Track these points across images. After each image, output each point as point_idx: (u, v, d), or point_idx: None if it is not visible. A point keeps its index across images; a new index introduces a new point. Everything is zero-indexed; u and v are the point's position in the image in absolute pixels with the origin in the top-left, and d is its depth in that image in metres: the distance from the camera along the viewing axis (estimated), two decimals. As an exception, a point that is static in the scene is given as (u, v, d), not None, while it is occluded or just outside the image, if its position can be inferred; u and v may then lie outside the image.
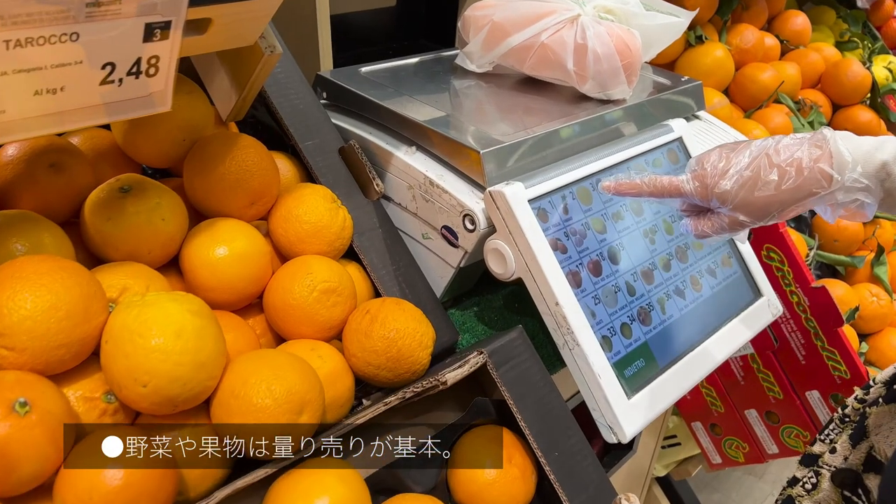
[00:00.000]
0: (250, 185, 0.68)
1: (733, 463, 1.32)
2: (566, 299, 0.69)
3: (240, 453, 0.56)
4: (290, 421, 0.55)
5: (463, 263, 0.78)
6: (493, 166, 0.75)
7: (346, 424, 0.61)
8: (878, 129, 1.41)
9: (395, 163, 0.80)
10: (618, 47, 0.85)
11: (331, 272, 0.67)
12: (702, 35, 1.26)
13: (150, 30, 0.48)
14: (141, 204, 0.62)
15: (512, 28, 0.88)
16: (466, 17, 0.93)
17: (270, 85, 0.79)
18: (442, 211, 0.77)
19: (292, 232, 0.70)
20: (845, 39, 1.91)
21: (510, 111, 0.88)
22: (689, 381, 0.75)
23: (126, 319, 0.52)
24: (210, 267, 0.64)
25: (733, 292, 0.84)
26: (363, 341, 0.65)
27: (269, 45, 0.68)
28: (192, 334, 0.52)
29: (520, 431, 0.67)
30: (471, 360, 0.66)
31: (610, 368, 0.68)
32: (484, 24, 0.90)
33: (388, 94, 0.85)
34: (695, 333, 0.78)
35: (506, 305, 0.89)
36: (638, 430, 0.69)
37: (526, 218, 0.70)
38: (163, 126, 0.67)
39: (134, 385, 0.51)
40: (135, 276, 0.59)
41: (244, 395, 0.54)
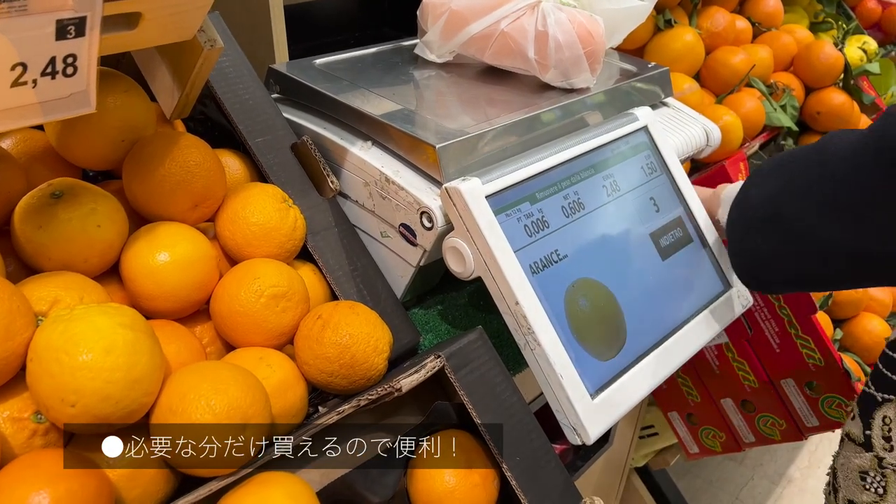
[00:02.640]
0: (193, 186, 0.65)
1: (710, 452, 1.31)
2: (526, 298, 0.67)
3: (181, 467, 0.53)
4: (233, 437, 0.52)
5: (423, 262, 0.76)
6: (451, 161, 0.72)
7: (295, 435, 0.59)
8: (850, 110, 1.39)
9: (351, 159, 0.77)
10: (580, 34, 0.82)
11: (280, 276, 0.64)
12: (671, 19, 1.23)
13: (62, 27, 0.45)
14: (74, 210, 0.59)
15: (471, 16, 0.85)
16: (425, 4, 0.90)
17: (218, 80, 0.76)
18: (399, 208, 0.74)
19: (240, 234, 0.67)
20: (819, 20, 1.89)
21: (470, 103, 0.85)
22: (655, 378, 0.73)
23: (51, 336, 0.49)
24: (151, 275, 0.61)
25: (702, 284, 0.83)
26: (315, 348, 0.63)
27: (208, 39, 0.64)
28: (123, 349, 0.49)
29: (481, 436, 0.65)
30: (427, 365, 0.64)
31: (573, 368, 0.66)
32: (442, 11, 0.87)
33: (343, 88, 0.82)
34: (662, 328, 0.76)
35: (470, 303, 0.87)
36: (602, 431, 0.67)
37: (483, 215, 0.68)
38: (97, 127, 0.63)
39: (61, 405, 0.48)
40: (67, 287, 0.56)
41: (182, 410, 0.51)
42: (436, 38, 0.89)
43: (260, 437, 0.55)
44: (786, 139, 1.38)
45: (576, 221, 0.75)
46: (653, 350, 0.74)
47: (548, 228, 0.72)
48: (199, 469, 0.53)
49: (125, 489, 0.52)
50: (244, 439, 0.53)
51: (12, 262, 0.60)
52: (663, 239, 0.81)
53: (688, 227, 0.84)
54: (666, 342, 0.75)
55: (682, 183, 0.86)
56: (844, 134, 0.65)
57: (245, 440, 0.53)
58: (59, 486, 0.46)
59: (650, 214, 0.81)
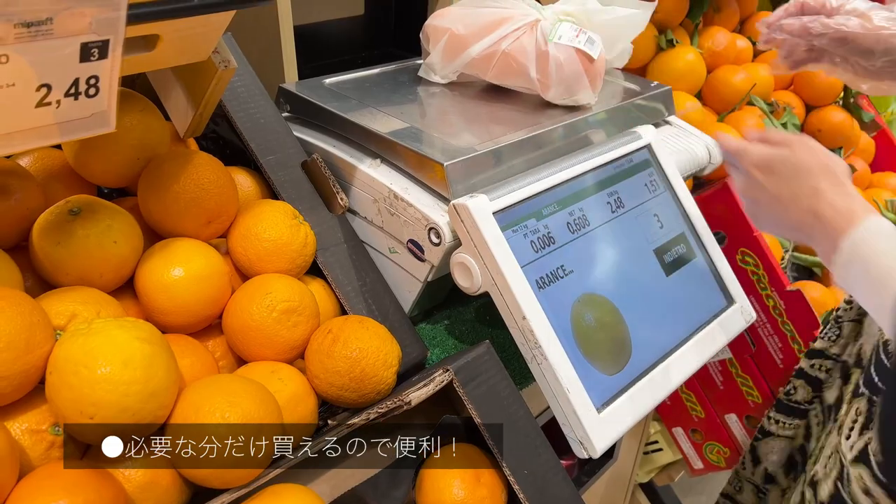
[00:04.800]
0: (206, 203, 0.66)
1: (715, 468, 1.31)
2: (533, 313, 0.68)
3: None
4: (246, 448, 0.53)
5: (430, 277, 0.77)
6: (458, 178, 0.73)
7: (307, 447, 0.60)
8: (850, 128, 1.41)
9: (360, 176, 0.79)
10: (578, 51, 0.84)
11: (291, 291, 0.65)
12: (673, 39, 1.25)
13: (86, 50, 0.47)
14: (91, 226, 0.60)
15: (471, 37, 0.87)
16: (426, 27, 0.92)
17: (230, 99, 0.78)
18: (407, 224, 0.76)
19: (252, 250, 0.68)
20: (818, 39, 1.91)
21: (476, 121, 0.87)
22: (660, 392, 0.73)
23: (70, 349, 0.50)
24: (165, 290, 0.62)
25: (705, 300, 0.84)
26: (325, 362, 0.64)
27: (223, 60, 0.66)
28: (140, 363, 0.51)
29: (489, 450, 0.66)
30: (436, 379, 0.65)
31: (579, 382, 0.67)
32: (443, 34, 0.89)
33: (351, 106, 0.84)
34: (666, 344, 0.77)
35: (477, 318, 0.88)
36: (609, 445, 0.68)
37: (491, 231, 0.69)
38: (114, 145, 0.65)
39: (80, 417, 0.49)
40: (84, 302, 0.57)
41: (197, 423, 0.52)
42: (438, 60, 0.91)
43: (272, 449, 0.56)
44: (787, 156, 1.39)
45: (581, 237, 0.76)
46: (658, 365, 0.75)
47: (554, 244, 0.73)
48: (211, 479, 0.54)
49: (140, 500, 0.53)
50: (256, 450, 0.54)
51: (30, 277, 0.62)
52: (667, 255, 0.82)
53: (691, 243, 0.85)
54: (670, 357, 0.76)
55: (684, 200, 0.87)
56: None
57: (257, 451, 0.54)
58: (77, 496, 0.47)
59: (654, 231, 0.82)
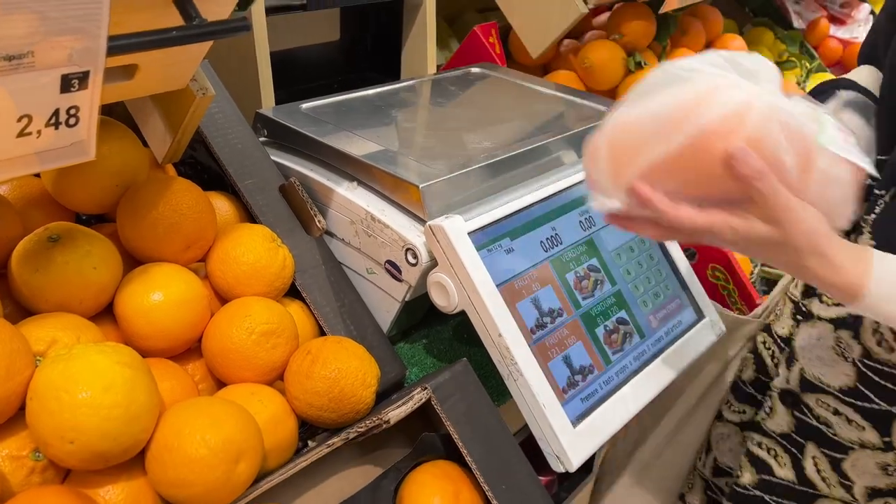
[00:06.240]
0: (185, 228, 0.67)
1: (692, 480, 1.33)
2: (508, 330, 0.69)
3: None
4: (227, 471, 0.54)
5: (408, 297, 0.78)
6: (434, 200, 0.75)
7: (288, 468, 0.60)
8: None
9: (337, 199, 0.80)
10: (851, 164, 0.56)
11: (270, 314, 0.66)
12: (641, 61, 1.29)
13: (66, 81, 0.48)
14: (70, 253, 0.61)
15: (647, 136, 0.55)
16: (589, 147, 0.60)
17: (208, 125, 0.79)
18: (385, 245, 0.77)
19: (230, 274, 0.69)
20: (784, 59, 1.98)
21: (451, 144, 0.89)
22: (634, 405, 0.75)
23: (51, 375, 0.51)
24: (145, 314, 0.63)
25: (677, 314, 0.86)
26: (304, 383, 0.64)
27: (200, 88, 0.67)
28: (121, 387, 0.51)
29: (468, 466, 0.67)
30: (415, 397, 0.66)
31: (553, 396, 0.69)
32: (600, 144, 0.59)
33: (328, 131, 0.85)
34: (639, 358, 0.79)
35: (454, 336, 0.89)
36: (584, 458, 0.69)
37: (466, 251, 0.70)
38: (93, 173, 0.66)
39: (61, 442, 0.49)
40: (64, 328, 0.58)
41: (178, 446, 0.53)
42: (603, 177, 0.59)
43: (254, 472, 0.56)
44: (754, 173, 1.43)
45: (555, 256, 0.78)
46: (631, 378, 0.77)
47: (528, 263, 0.75)
48: (192, 502, 0.54)
49: (121, 525, 0.53)
50: (238, 472, 0.54)
51: (9, 304, 0.62)
52: (638, 271, 0.84)
53: (662, 260, 0.88)
54: (644, 371, 0.78)
55: (655, 217, 0.89)
56: None
57: (238, 473, 0.55)
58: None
59: (624, 247, 0.85)
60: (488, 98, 1.08)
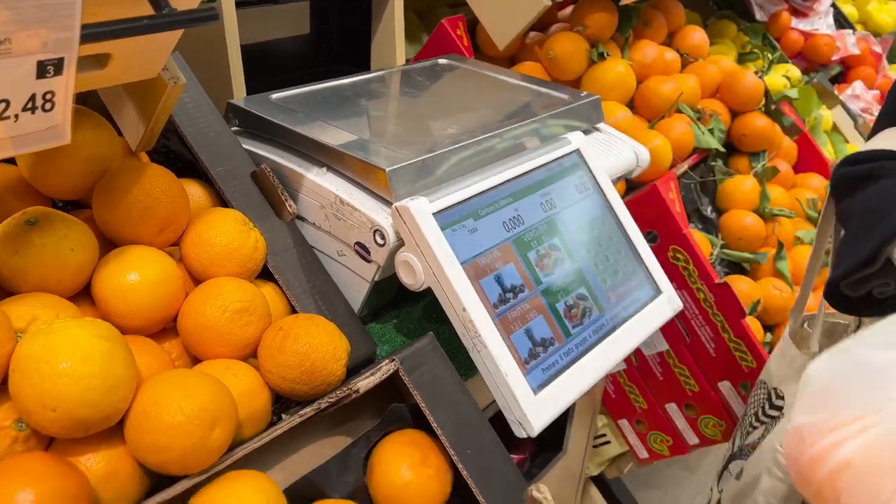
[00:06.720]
0: (159, 212, 0.70)
1: (659, 456, 1.38)
2: (472, 305, 0.73)
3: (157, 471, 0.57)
4: (202, 437, 0.57)
5: (377, 277, 0.82)
6: (400, 183, 0.78)
7: (263, 436, 0.63)
8: (772, 133, 1.51)
9: (307, 184, 0.83)
10: None
11: (243, 292, 0.69)
12: (604, 52, 1.33)
13: (42, 67, 0.50)
14: (48, 236, 0.63)
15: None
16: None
17: (180, 114, 0.82)
18: (354, 228, 0.80)
19: (204, 255, 0.72)
20: (747, 51, 2.04)
21: (417, 131, 0.92)
22: (592, 375, 0.79)
23: (32, 348, 0.53)
24: (121, 294, 0.65)
25: (635, 290, 0.90)
26: (277, 357, 0.68)
27: (172, 77, 0.70)
28: (99, 359, 0.54)
29: (435, 434, 0.71)
30: (383, 368, 0.69)
31: (515, 366, 0.72)
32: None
33: (299, 119, 0.88)
34: (599, 331, 0.83)
35: (424, 315, 0.93)
36: (545, 424, 0.73)
37: (431, 230, 0.74)
38: (69, 159, 0.68)
39: (43, 410, 0.52)
40: (43, 307, 0.60)
41: (155, 414, 0.56)
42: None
43: (228, 438, 0.59)
44: (715, 160, 1.48)
45: (517, 235, 0.81)
46: (590, 350, 0.81)
47: (491, 242, 0.79)
48: (170, 466, 0.57)
49: (102, 490, 0.56)
50: (213, 438, 0.57)
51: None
52: (598, 250, 0.88)
53: (620, 239, 0.92)
54: (603, 342, 0.82)
55: (612, 199, 0.94)
56: None
57: (213, 439, 0.58)
58: (43, 483, 0.50)
59: (584, 227, 0.89)
60: (455, 87, 1.11)
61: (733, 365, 1.18)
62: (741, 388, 1.19)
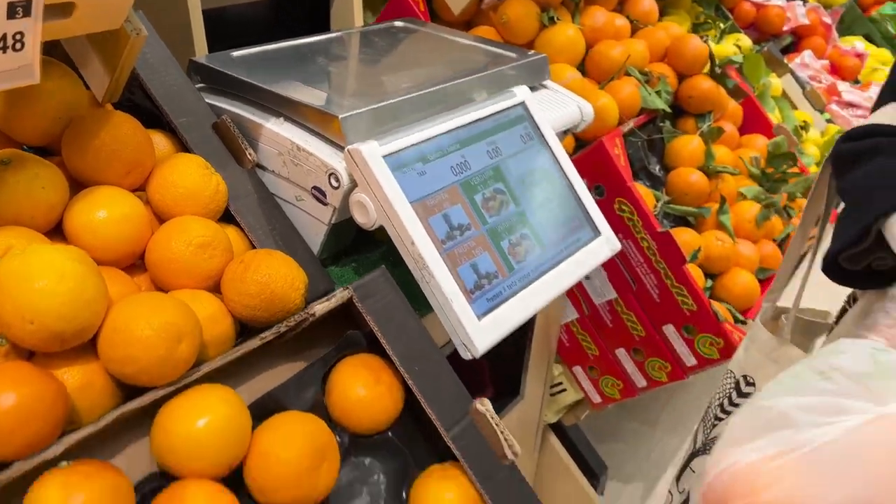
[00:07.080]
0: (125, 155, 0.75)
1: (611, 400, 1.46)
2: (420, 239, 0.79)
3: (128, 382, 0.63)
4: (169, 349, 0.62)
5: (334, 220, 0.87)
6: (353, 130, 0.84)
7: (227, 355, 0.69)
8: (718, 95, 1.59)
9: (266, 133, 0.88)
10: None
11: (206, 228, 0.75)
12: (554, 16, 1.39)
13: (12, 8, 0.55)
14: (20, 174, 0.68)
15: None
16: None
17: (143, 68, 0.86)
18: (310, 173, 0.86)
19: (169, 196, 0.77)
20: (701, 21, 2.11)
21: (372, 84, 0.98)
22: (532, 306, 0.86)
23: (10, 267, 0.58)
24: (91, 230, 0.71)
25: (576, 231, 0.97)
26: (239, 286, 0.73)
27: (134, 28, 0.75)
28: (73, 278, 0.59)
29: (388, 358, 0.77)
30: (338, 295, 0.75)
31: (461, 294, 0.79)
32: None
33: (258, 74, 0.93)
34: (540, 266, 0.90)
35: (382, 260, 0.99)
36: (488, 347, 0.80)
37: (381, 171, 0.80)
38: (39, 104, 0.73)
39: (22, 323, 0.57)
40: (18, 237, 0.65)
41: (125, 328, 0.61)
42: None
43: (193, 353, 0.65)
44: (663, 121, 1.56)
45: (463, 178, 0.88)
46: (532, 283, 0.87)
47: (439, 185, 0.85)
48: (140, 377, 0.63)
49: (78, 399, 0.61)
50: (179, 352, 0.63)
51: (-34, 222, 0.69)
52: (540, 193, 0.95)
53: (561, 183, 0.98)
54: (544, 277, 0.89)
55: (556, 150, 1.00)
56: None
57: (180, 353, 0.63)
58: (25, 387, 0.56)
59: (528, 173, 0.95)
60: (409, 47, 1.17)
61: (676, 309, 1.26)
62: (684, 330, 1.28)
